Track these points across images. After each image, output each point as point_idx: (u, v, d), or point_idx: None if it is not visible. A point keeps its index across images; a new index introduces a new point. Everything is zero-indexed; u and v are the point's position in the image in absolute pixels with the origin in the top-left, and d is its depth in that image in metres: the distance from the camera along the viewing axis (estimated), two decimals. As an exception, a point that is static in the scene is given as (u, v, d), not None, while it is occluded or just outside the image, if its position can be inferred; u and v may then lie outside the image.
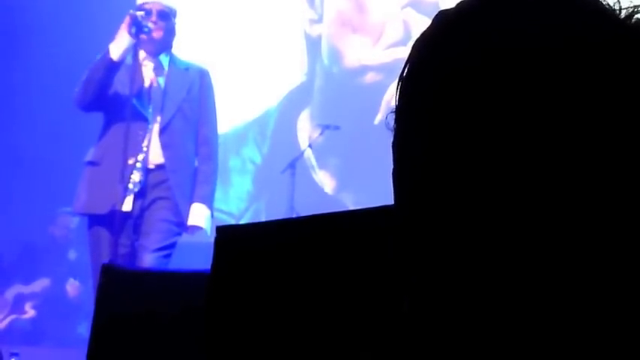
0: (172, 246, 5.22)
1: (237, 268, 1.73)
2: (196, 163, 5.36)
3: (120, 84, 5.26)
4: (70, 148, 6.42)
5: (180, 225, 5.24)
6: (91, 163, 5.28)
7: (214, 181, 5.43)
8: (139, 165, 5.15)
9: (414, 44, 0.82)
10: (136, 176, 5.14)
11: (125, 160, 5.07)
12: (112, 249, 4.98)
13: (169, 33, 5.38)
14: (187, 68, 5.43)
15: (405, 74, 0.81)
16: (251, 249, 1.73)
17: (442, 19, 0.82)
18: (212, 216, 5.38)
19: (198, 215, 5.29)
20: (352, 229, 1.64)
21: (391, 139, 0.81)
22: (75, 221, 8.08)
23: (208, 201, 5.35)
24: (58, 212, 8.26)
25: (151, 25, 5.24)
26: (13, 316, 8.07)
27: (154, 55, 5.33)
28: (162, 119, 5.25)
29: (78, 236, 5.96)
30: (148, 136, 5.22)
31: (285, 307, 1.64)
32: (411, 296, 0.79)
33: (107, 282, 2.47)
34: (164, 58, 5.37)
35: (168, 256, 5.18)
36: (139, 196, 5.15)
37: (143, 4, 5.32)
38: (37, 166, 8.41)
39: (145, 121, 5.22)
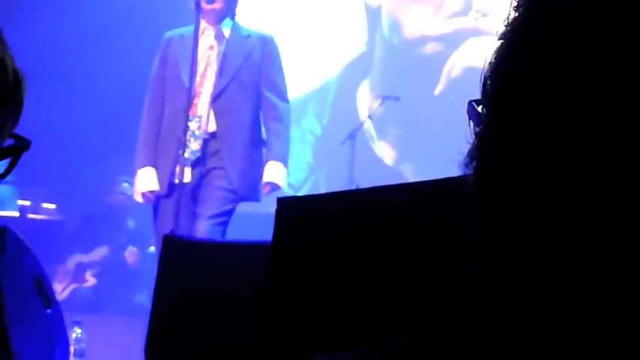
0: (228, 213, 5.21)
1: (297, 240, 1.73)
2: (263, 130, 5.34)
3: (179, 55, 5.29)
4: (127, 117, 6.47)
5: (236, 193, 5.23)
6: (150, 137, 5.32)
7: (287, 140, 5.37)
8: (197, 133, 5.17)
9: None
10: (194, 145, 5.16)
11: (185, 131, 5.09)
12: (174, 219, 5.01)
13: (230, 2, 5.36)
14: (249, 35, 5.41)
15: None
16: (311, 220, 1.73)
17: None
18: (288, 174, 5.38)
19: (274, 173, 5.26)
20: (412, 201, 1.63)
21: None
22: (131, 189, 8.15)
23: (283, 158, 5.30)
24: (115, 180, 8.33)
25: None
26: (74, 285, 8.18)
27: (214, 23, 5.33)
28: (216, 87, 5.25)
29: (136, 204, 6.01)
30: (204, 105, 5.23)
31: (344, 278, 1.64)
32: (488, 265, 0.79)
33: (168, 253, 2.49)
34: (226, 26, 5.37)
35: (223, 223, 5.17)
36: (197, 164, 5.17)
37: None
38: (95, 135, 8.49)
39: (202, 90, 5.24)
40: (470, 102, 0.83)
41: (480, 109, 0.81)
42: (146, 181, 5.26)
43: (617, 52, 0.72)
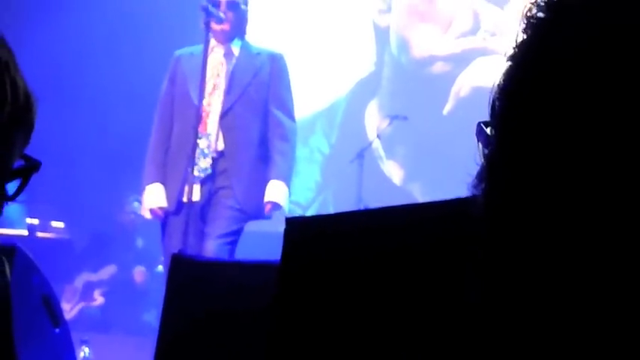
0: (237, 233, 5.21)
1: (306, 260, 1.73)
2: (271, 147, 5.33)
3: (188, 73, 5.33)
4: (136, 136, 6.49)
5: (245, 212, 5.23)
6: (159, 155, 5.33)
7: (291, 159, 5.36)
8: (206, 151, 5.18)
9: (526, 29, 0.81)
10: (203, 163, 5.17)
11: (194, 148, 5.09)
12: (183, 238, 5.01)
13: (239, 21, 5.39)
14: (259, 53, 5.44)
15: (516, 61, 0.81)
16: (320, 240, 1.73)
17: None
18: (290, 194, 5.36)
19: (275, 193, 5.24)
20: (420, 221, 1.63)
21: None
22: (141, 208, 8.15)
23: (285, 178, 5.28)
24: (126, 200, 8.35)
25: (221, 15, 5.26)
26: (82, 304, 8.17)
27: (224, 42, 5.36)
28: (224, 104, 5.27)
29: (145, 224, 6.02)
30: (213, 123, 5.25)
31: (352, 298, 1.64)
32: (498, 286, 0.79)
33: (177, 272, 2.49)
34: (235, 45, 5.39)
35: (232, 243, 5.17)
36: (206, 183, 5.18)
37: (213, -6, 5.33)
38: (104, 154, 8.51)
39: (211, 108, 5.26)
40: (479, 124, 0.83)
41: (488, 130, 0.82)
42: (154, 197, 5.27)
43: (628, 79, 0.72)
